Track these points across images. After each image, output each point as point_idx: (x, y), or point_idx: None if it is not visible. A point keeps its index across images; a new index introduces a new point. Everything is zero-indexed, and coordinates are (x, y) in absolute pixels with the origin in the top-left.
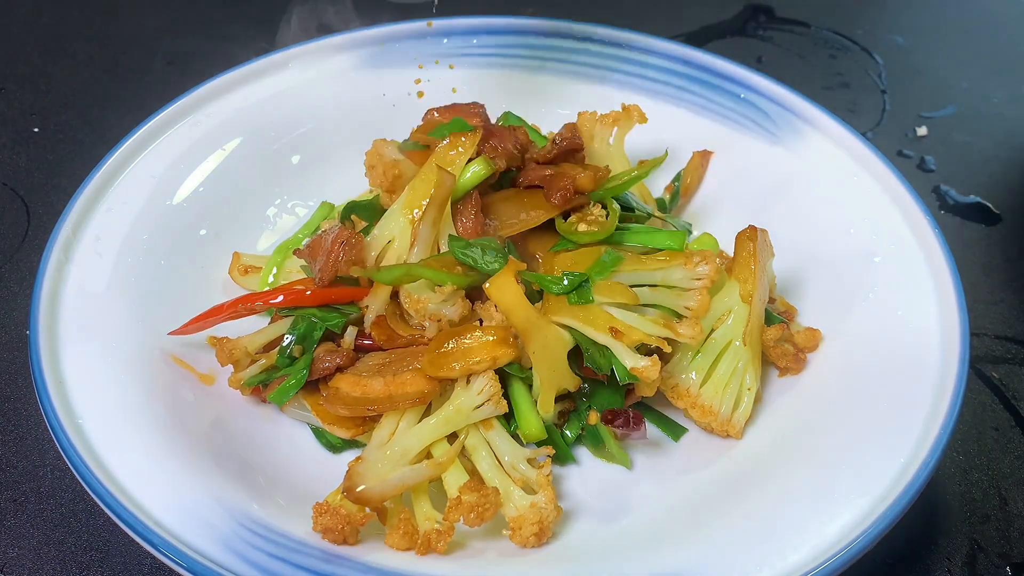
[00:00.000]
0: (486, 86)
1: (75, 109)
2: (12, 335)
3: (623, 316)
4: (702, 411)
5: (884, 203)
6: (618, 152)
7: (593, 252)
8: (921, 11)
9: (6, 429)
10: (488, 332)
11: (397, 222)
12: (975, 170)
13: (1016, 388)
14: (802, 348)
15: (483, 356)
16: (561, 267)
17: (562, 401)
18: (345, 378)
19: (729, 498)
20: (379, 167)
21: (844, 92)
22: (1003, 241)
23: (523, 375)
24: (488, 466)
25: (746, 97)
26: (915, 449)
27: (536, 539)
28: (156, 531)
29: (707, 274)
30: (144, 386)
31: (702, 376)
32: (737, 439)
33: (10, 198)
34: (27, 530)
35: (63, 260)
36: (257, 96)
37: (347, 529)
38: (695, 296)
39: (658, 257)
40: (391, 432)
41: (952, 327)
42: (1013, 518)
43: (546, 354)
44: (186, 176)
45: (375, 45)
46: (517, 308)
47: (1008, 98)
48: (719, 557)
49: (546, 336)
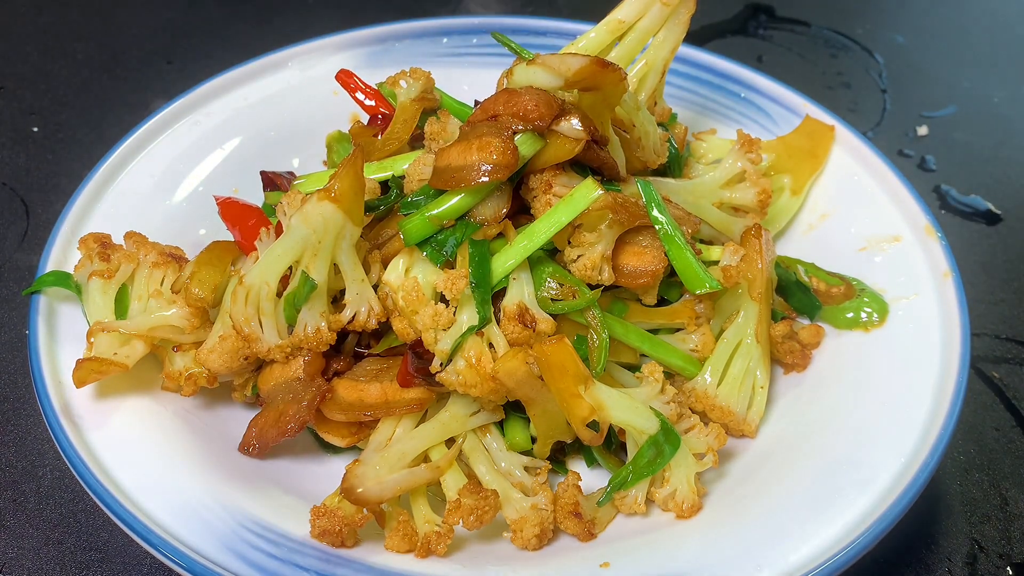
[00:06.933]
0: (486, 85)
1: (75, 109)
2: (12, 335)
3: (618, 399)
4: (720, 412)
5: (884, 203)
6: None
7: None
8: (921, 11)
9: (6, 429)
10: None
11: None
12: (975, 170)
13: (1016, 388)
14: (807, 345)
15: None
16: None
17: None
18: (342, 383)
19: (729, 498)
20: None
21: (845, 91)
22: (1003, 241)
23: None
24: (486, 469)
25: (747, 96)
26: (915, 449)
27: (537, 541)
28: (155, 531)
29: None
30: (144, 386)
31: (717, 377)
32: (752, 438)
33: (10, 198)
34: (27, 530)
35: (63, 260)
36: (257, 96)
37: (345, 531)
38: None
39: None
40: (388, 437)
41: (952, 327)
42: (1013, 518)
43: (545, 417)
44: (186, 176)
45: (375, 45)
46: (523, 384)
47: (1008, 98)
48: (719, 557)
49: (546, 402)
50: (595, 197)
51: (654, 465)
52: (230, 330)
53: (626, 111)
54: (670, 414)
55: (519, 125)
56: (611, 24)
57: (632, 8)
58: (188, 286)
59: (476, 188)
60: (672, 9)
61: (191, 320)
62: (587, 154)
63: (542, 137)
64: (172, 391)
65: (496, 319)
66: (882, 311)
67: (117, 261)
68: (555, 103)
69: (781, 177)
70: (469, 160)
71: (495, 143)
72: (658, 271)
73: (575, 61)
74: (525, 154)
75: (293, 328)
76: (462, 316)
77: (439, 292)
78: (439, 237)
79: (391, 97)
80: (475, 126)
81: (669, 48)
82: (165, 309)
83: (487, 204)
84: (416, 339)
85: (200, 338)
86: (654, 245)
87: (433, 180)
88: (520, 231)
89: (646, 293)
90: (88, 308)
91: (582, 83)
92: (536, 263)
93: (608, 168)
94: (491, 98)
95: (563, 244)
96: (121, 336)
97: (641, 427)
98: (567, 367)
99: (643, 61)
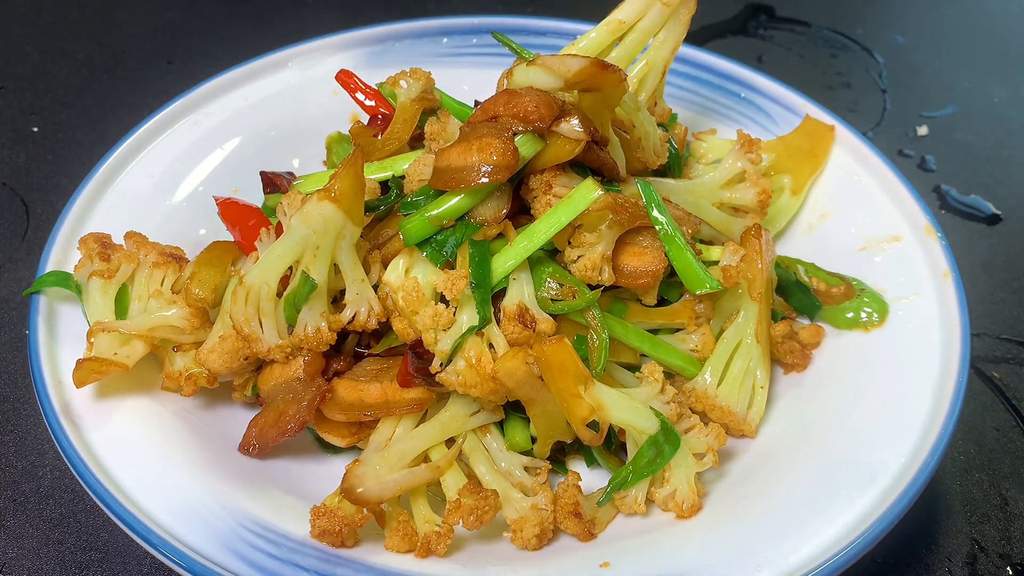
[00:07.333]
0: (486, 85)
1: (75, 109)
2: (12, 335)
3: (618, 399)
4: (720, 412)
5: (884, 203)
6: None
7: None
8: (921, 11)
9: (6, 429)
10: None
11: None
12: (975, 170)
13: (1016, 388)
14: (807, 345)
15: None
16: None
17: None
18: (342, 383)
19: (729, 498)
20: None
21: (845, 91)
22: (1003, 241)
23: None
24: (486, 470)
25: (747, 96)
26: (915, 449)
27: (537, 541)
28: (155, 531)
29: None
30: (144, 386)
31: (717, 377)
32: (752, 438)
33: (10, 198)
34: (27, 530)
35: (63, 260)
36: (257, 96)
37: (345, 531)
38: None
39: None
40: (388, 437)
41: (952, 327)
42: (1013, 518)
43: (545, 417)
44: (185, 176)
45: (375, 45)
46: (523, 384)
47: (1008, 98)
48: (719, 557)
49: (546, 402)
50: (595, 198)
51: (654, 465)
52: (230, 330)
53: (626, 112)
54: (670, 414)
55: (519, 126)
56: (612, 24)
57: (633, 8)
58: (188, 286)
59: (476, 189)
60: (673, 9)
61: (191, 320)
62: (587, 155)
63: (542, 138)
64: (172, 391)
65: (496, 319)
66: (882, 311)
67: (117, 261)
68: (555, 104)
69: (781, 177)
70: (469, 161)
71: (495, 144)
72: (658, 271)
73: (575, 63)
74: (525, 155)
75: (293, 328)
76: (462, 316)
77: (439, 292)
78: (439, 237)
79: (391, 97)
80: (475, 127)
81: (669, 48)
82: (165, 309)
83: (487, 204)
84: (416, 339)
85: (200, 338)
86: (654, 245)
87: (433, 180)
88: (520, 231)
89: (646, 293)
90: (88, 308)
91: (582, 84)
92: (536, 263)
93: (608, 169)
94: (491, 99)
95: (563, 244)
96: (121, 336)
97: (641, 427)
98: (567, 367)
99: (643, 61)
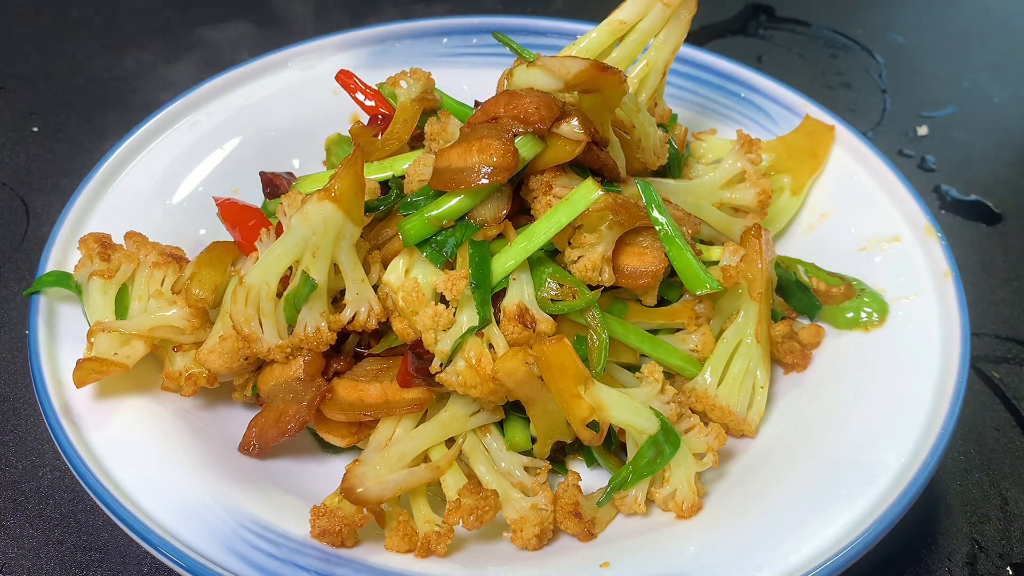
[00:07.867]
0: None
1: (75, 109)
2: (12, 335)
3: (618, 399)
4: (720, 412)
5: (884, 203)
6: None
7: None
8: (921, 11)
9: (6, 429)
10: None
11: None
12: (975, 170)
13: (1016, 388)
14: (807, 345)
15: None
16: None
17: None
18: (342, 383)
19: (729, 498)
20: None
21: (845, 91)
22: (1003, 241)
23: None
24: (486, 470)
25: (747, 96)
26: (915, 449)
27: (537, 541)
28: (155, 531)
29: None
30: (144, 386)
31: (717, 377)
32: (752, 438)
33: (10, 198)
34: (27, 530)
35: (63, 260)
36: (257, 96)
37: (345, 531)
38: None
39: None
40: (388, 437)
41: (952, 327)
42: (1013, 518)
43: (545, 417)
44: (185, 176)
45: (375, 45)
46: (523, 384)
47: (1008, 98)
48: (719, 557)
49: (546, 402)
50: (595, 198)
51: (654, 465)
52: (230, 330)
53: (626, 113)
54: (670, 414)
55: (519, 127)
56: (612, 25)
57: (633, 9)
58: (188, 286)
59: (476, 190)
60: (673, 10)
61: (191, 320)
62: (587, 155)
63: (542, 139)
64: (172, 391)
65: (496, 319)
66: (882, 311)
67: (117, 261)
68: (555, 105)
69: (781, 177)
70: (469, 162)
71: (495, 145)
72: (658, 272)
73: (575, 64)
74: (525, 156)
75: (293, 328)
76: (462, 317)
77: (439, 293)
78: (439, 238)
79: (391, 97)
80: (475, 128)
81: (670, 49)
82: (165, 309)
83: (487, 205)
84: (416, 339)
85: (200, 338)
86: (654, 246)
87: (433, 181)
88: (520, 232)
89: (646, 294)
90: (88, 308)
91: (582, 85)
92: (536, 264)
93: (608, 169)
94: (491, 100)
95: (563, 245)
96: (121, 336)
97: (641, 427)
98: (567, 367)
99: (644, 62)
